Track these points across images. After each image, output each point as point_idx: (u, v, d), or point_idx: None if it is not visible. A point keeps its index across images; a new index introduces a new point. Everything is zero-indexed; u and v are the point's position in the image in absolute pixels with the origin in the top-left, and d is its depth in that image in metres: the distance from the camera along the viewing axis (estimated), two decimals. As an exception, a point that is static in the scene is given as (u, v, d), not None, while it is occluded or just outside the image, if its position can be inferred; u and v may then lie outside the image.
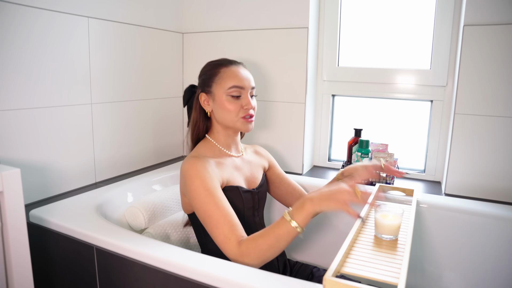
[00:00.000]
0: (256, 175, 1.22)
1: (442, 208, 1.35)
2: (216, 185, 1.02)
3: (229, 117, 1.09)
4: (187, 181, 1.02)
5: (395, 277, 0.80)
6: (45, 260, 1.16)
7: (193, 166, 1.02)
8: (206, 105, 1.12)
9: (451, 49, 1.56)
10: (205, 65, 1.17)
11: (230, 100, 1.09)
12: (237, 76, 1.09)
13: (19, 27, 1.20)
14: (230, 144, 1.17)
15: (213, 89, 1.10)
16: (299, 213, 0.89)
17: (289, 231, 0.89)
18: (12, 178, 0.81)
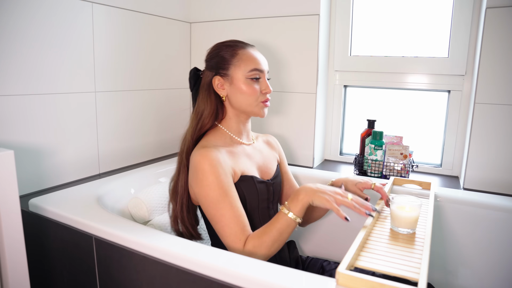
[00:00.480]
0: (269, 165, 1.16)
1: (461, 202, 1.28)
2: (230, 181, 0.98)
3: (248, 101, 1.04)
4: (199, 174, 0.96)
5: (415, 272, 0.74)
6: (44, 250, 1.12)
7: (205, 159, 0.96)
8: (221, 89, 1.05)
9: (471, 35, 1.48)
10: (216, 46, 1.08)
11: (250, 84, 1.03)
12: (256, 59, 1.04)
13: (23, 12, 1.16)
14: (242, 131, 1.11)
15: (231, 72, 1.03)
16: (295, 204, 0.91)
17: (289, 223, 0.91)
18: (5, 160, 0.77)
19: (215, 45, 1.09)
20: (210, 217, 0.97)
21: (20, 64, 1.18)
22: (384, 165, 1.52)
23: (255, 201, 1.05)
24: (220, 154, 0.99)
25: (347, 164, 1.78)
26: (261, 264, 0.80)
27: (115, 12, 1.47)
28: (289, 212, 0.91)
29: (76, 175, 1.40)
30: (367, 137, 1.59)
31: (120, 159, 1.58)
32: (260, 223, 1.05)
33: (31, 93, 1.22)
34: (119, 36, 1.50)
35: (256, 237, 0.92)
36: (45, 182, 1.30)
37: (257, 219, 1.06)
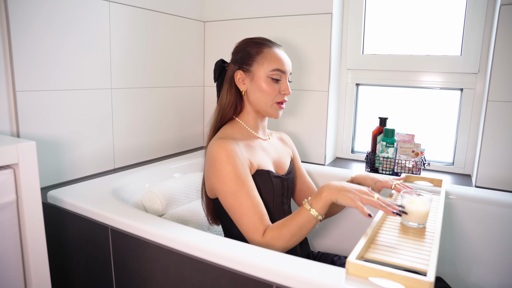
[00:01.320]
0: (283, 160, 1.17)
1: (473, 199, 1.28)
2: (247, 172, 0.98)
3: (265, 100, 1.05)
4: (217, 165, 0.97)
5: (424, 264, 0.75)
6: (62, 240, 1.15)
7: (223, 150, 0.97)
8: (241, 84, 1.07)
9: (485, 32, 1.47)
10: (244, 41, 1.10)
11: (270, 83, 1.04)
12: (280, 59, 1.05)
13: (43, 11, 1.20)
14: (259, 126, 1.13)
15: (254, 68, 1.05)
16: (317, 201, 0.90)
17: (309, 219, 0.91)
18: (28, 150, 0.80)
19: (243, 40, 1.11)
20: (228, 207, 0.97)
21: (41, 60, 1.22)
22: (396, 163, 1.52)
23: (270, 195, 1.06)
24: (237, 146, 1.00)
25: (358, 162, 1.79)
26: (273, 254, 0.82)
27: (131, 10, 1.50)
28: (311, 209, 0.90)
29: (92, 169, 1.44)
30: (378, 135, 1.60)
31: (135, 155, 1.61)
32: (274, 218, 1.06)
33: (51, 88, 1.26)
34: (135, 34, 1.54)
35: (276, 229, 0.92)
36: (63, 176, 1.33)
37: (272, 214, 1.06)
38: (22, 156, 0.79)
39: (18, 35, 1.15)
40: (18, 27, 1.15)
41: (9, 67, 1.15)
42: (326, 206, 0.90)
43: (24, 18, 1.16)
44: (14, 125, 1.17)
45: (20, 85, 1.17)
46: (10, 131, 1.17)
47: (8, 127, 1.16)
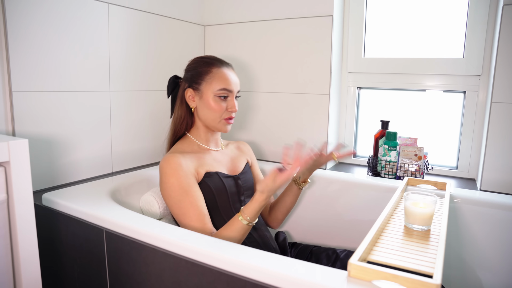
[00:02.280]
0: (237, 163, 1.23)
1: (478, 203, 1.25)
2: (191, 182, 1.05)
3: (213, 116, 1.12)
4: (163, 177, 1.06)
5: (429, 266, 0.72)
6: (56, 243, 1.12)
7: (167, 163, 1.05)
8: (191, 101, 1.14)
9: (488, 34, 1.45)
10: (195, 60, 1.17)
11: (217, 101, 1.11)
12: (227, 79, 1.12)
13: (41, 12, 1.19)
14: (210, 139, 1.19)
15: (202, 87, 1.12)
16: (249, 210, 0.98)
17: (243, 226, 0.98)
18: (20, 148, 0.78)
19: (194, 59, 1.18)
20: (174, 215, 1.05)
21: (38, 62, 1.20)
22: (398, 166, 1.49)
23: (224, 195, 1.11)
24: (183, 158, 1.07)
25: (360, 166, 1.76)
26: (273, 256, 0.79)
27: (130, 13, 1.49)
28: (242, 219, 0.98)
29: (89, 172, 1.41)
30: (380, 138, 1.57)
31: (133, 158, 1.59)
32: (233, 215, 1.10)
33: (48, 90, 1.24)
34: (134, 37, 1.53)
35: (219, 235, 0.99)
36: (60, 179, 1.31)
37: (231, 212, 1.12)
38: (14, 154, 0.77)
39: (16, 35, 1.13)
40: (16, 28, 1.13)
41: (6, 67, 1.13)
42: (257, 212, 0.98)
43: (22, 19, 1.15)
44: (10, 126, 1.15)
45: (17, 86, 1.15)
46: (6, 132, 1.15)
47: (4, 128, 1.14)
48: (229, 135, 1.89)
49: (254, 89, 1.81)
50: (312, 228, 1.55)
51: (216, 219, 1.10)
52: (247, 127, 1.85)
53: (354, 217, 1.45)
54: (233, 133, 1.89)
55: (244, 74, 1.83)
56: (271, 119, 1.79)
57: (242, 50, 1.82)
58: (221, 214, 1.11)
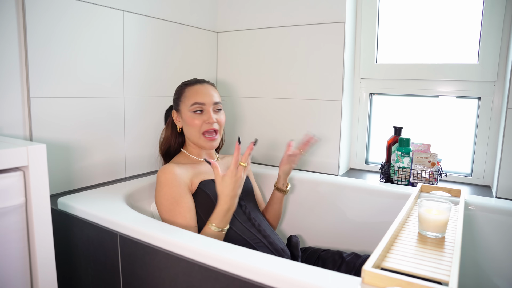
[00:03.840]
0: None
1: (494, 211, 1.23)
2: (183, 193, 1.09)
3: (193, 132, 1.18)
4: (157, 187, 1.11)
5: (445, 274, 0.71)
6: (71, 247, 1.14)
7: (162, 173, 1.11)
8: (178, 122, 1.24)
9: (503, 38, 1.44)
10: (180, 84, 1.27)
11: (194, 116, 1.18)
12: (197, 94, 1.19)
13: (59, 19, 1.22)
14: (201, 154, 1.25)
15: (181, 107, 1.21)
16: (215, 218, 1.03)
17: (215, 233, 1.02)
18: (38, 153, 0.80)
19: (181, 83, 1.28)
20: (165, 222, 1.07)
21: (55, 68, 1.23)
22: (412, 173, 1.48)
23: None
24: (179, 168, 1.13)
25: (373, 172, 1.75)
26: (286, 262, 0.79)
27: (144, 20, 1.52)
28: (211, 226, 1.02)
29: (103, 177, 1.43)
30: (393, 145, 1.56)
31: (146, 164, 1.60)
32: (237, 220, 1.13)
33: (64, 96, 1.27)
34: (148, 44, 1.55)
35: None
36: (74, 183, 1.33)
37: (232, 217, 1.12)
38: (32, 158, 0.79)
39: (35, 43, 1.16)
40: (35, 36, 1.16)
41: (25, 74, 1.16)
42: (224, 218, 1.02)
43: (41, 27, 1.17)
44: (27, 131, 1.18)
45: (35, 92, 1.18)
46: (24, 137, 1.18)
47: (22, 133, 1.17)
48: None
49: (267, 95, 1.82)
50: (325, 233, 1.54)
51: None
52: (259, 133, 1.86)
53: (367, 223, 1.44)
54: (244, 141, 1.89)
55: (257, 80, 1.84)
56: (283, 125, 1.79)
57: (254, 56, 1.83)
58: None
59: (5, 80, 1.12)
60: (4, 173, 0.76)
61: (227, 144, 1.70)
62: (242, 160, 1.01)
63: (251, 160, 1.87)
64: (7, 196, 0.76)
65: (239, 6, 1.84)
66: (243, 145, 1.77)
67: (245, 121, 1.89)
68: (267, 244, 1.13)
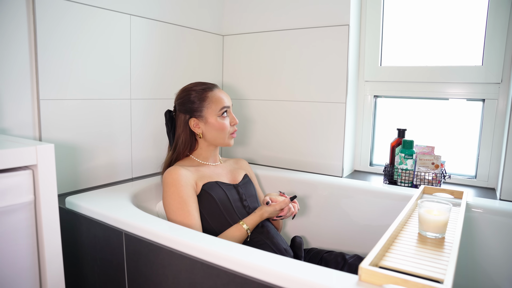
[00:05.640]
0: (236, 175, 1.31)
1: (497, 213, 1.23)
2: (190, 193, 1.13)
3: (222, 135, 1.23)
4: (165, 187, 1.14)
5: (441, 273, 0.72)
6: (78, 245, 1.17)
7: (169, 174, 1.14)
8: (197, 128, 1.23)
9: (508, 40, 1.44)
10: (185, 92, 1.25)
11: (223, 120, 1.22)
12: (223, 99, 1.23)
13: (68, 24, 1.25)
14: (209, 157, 1.28)
15: (204, 113, 1.21)
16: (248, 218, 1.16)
17: (241, 232, 1.13)
18: (46, 152, 0.83)
19: (183, 90, 1.26)
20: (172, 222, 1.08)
21: (64, 71, 1.26)
22: (415, 175, 1.48)
23: (226, 201, 1.18)
24: (184, 170, 1.16)
25: (377, 174, 1.75)
26: (286, 260, 0.80)
27: (151, 24, 1.55)
28: (243, 224, 1.13)
29: (110, 178, 1.46)
30: (397, 147, 1.57)
31: (152, 165, 1.63)
32: (239, 219, 1.18)
33: (72, 97, 1.30)
34: (155, 47, 1.58)
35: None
36: (82, 183, 1.36)
37: (236, 217, 1.18)
38: (41, 157, 0.82)
39: (44, 46, 1.20)
40: (44, 39, 1.20)
41: (35, 76, 1.19)
42: (254, 224, 1.15)
43: (50, 31, 1.21)
44: (36, 131, 1.21)
45: (44, 94, 1.22)
46: (33, 137, 1.21)
47: (31, 133, 1.20)
48: (245, 143, 1.92)
49: (272, 98, 1.84)
50: (329, 235, 1.55)
51: (224, 225, 1.15)
52: (264, 135, 1.88)
53: (370, 225, 1.45)
54: (249, 142, 1.91)
55: (261, 82, 1.86)
56: (287, 127, 1.81)
57: (259, 59, 1.85)
58: (227, 219, 1.16)
59: (16, 83, 1.16)
60: (14, 171, 0.79)
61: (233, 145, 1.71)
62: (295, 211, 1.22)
63: (251, 162, 1.88)
64: (17, 194, 0.79)
65: (244, 9, 1.86)
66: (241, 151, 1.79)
67: (251, 123, 1.91)
68: (270, 245, 1.14)
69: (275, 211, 1.18)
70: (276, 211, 1.18)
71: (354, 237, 1.49)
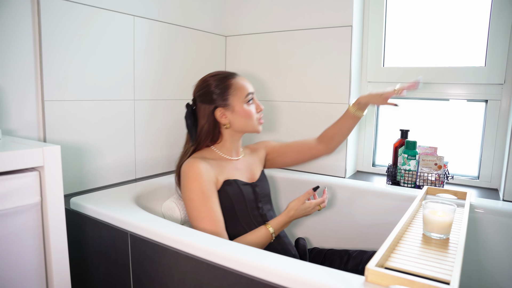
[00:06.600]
0: (254, 171, 1.28)
1: (500, 213, 1.23)
2: (212, 189, 1.10)
3: (251, 122, 1.18)
4: (185, 182, 1.09)
5: (447, 274, 0.72)
6: (83, 245, 1.17)
7: (191, 168, 1.09)
8: (224, 118, 1.17)
9: (511, 42, 1.44)
10: (205, 81, 1.18)
11: (250, 106, 1.18)
12: (246, 84, 1.19)
13: (71, 25, 1.26)
14: (232, 149, 1.23)
15: (231, 102, 1.16)
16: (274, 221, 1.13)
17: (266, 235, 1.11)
18: (53, 153, 0.83)
19: (203, 80, 1.20)
20: (192, 219, 1.08)
21: (68, 72, 1.27)
22: (418, 176, 1.48)
23: (242, 202, 1.15)
24: (205, 164, 1.12)
25: (379, 175, 1.76)
26: (291, 260, 0.81)
27: (154, 25, 1.56)
28: (270, 227, 1.11)
29: (114, 178, 1.47)
30: (400, 147, 1.57)
31: (156, 166, 1.64)
32: (252, 222, 1.15)
33: (76, 99, 1.31)
34: (158, 48, 1.59)
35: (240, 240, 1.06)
36: (86, 184, 1.37)
37: (249, 219, 1.15)
38: (48, 159, 0.82)
39: (49, 48, 1.20)
40: (49, 40, 1.20)
41: (39, 77, 1.20)
42: (281, 227, 1.13)
43: (55, 33, 1.22)
44: (41, 132, 1.22)
45: (48, 95, 1.22)
46: (38, 138, 1.22)
47: (36, 134, 1.21)
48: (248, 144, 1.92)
49: (274, 99, 1.84)
50: (332, 235, 1.56)
51: (235, 226, 1.13)
52: (266, 135, 1.88)
53: (373, 225, 1.45)
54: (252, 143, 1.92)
55: (264, 83, 1.86)
56: (290, 129, 1.81)
57: (262, 60, 1.86)
58: (239, 220, 1.14)
59: (21, 84, 1.16)
60: (21, 172, 0.80)
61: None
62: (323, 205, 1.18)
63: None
64: (24, 195, 0.80)
65: (247, 10, 1.87)
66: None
67: (253, 123, 1.91)
68: (280, 250, 1.14)
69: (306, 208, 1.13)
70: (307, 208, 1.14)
71: (357, 237, 1.49)
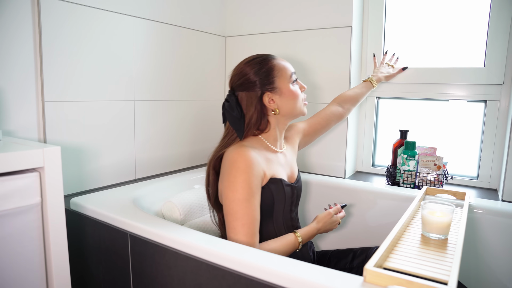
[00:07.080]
0: (294, 170, 1.21)
1: (499, 214, 1.23)
2: (259, 185, 1.02)
3: (298, 103, 1.12)
4: (233, 171, 0.99)
5: (445, 274, 0.72)
6: (83, 246, 1.18)
7: (242, 158, 0.99)
8: (272, 104, 1.08)
9: (510, 43, 1.44)
10: (243, 69, 1.09)
11: (295, 86, 1.12)
12: (286, 64, 1.12)
13: (72, 27, 1.26)
14: (278, 139, 1.15)
15: (277, 84, 1.08)
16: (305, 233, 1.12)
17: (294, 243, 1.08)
18: (53, 154, 0.83)
19: (241, 68, 1.10)
20: (231, 212, 0.98)
21: (68, 73, 1.27)
22: (417, 176, 1.49)
23: (281, 203, 1.09)
24: (257, 156, 1.03)
25: (379, 175, 1.76)
26: (290, 261, 0.81)
27: (154, 25, 1.56)
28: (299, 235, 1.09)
29: (114, 179, 1.47)
30: (399, 148, 1.58)
31: (156, 166, 1.64)
32: (283, 225, 1.11)
33: (76, 99, 1.31)
34: (158, 48, 1.59)
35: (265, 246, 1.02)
36: (86, 184, 1.37)
37: (281, 221, 1.11)
38: (48, 160, 0.82)
39: (49, 48, 1.21)
40: (49, 41, 1.21)
41: (39, 78, 1.20)
42: (309, 237, 1.12)
43: (55, 33, 1.22)
44: (41, 133, 1.22)
45: (49, 96, 1.23)
46: (38, 139, 1.22)
47: (36, 135, 1.21)
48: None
49: (273, 99, 1.84)
50: (332, 235, 1.56)
51: (267, 225, 1.08)
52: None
53: (373, 226, 1.46)
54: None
55: (264, 84, 1.86)
56: (290, 128, 1.81)
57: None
58: (273, 221, 1.09)
59: (21, 85, 1.17)
60: (21, 173, 0.80)
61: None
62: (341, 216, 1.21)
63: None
64: (24, 196, 0.80)
65: (247, 11, 1.87)
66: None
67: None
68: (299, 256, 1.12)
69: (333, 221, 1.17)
70: (333, 223, 1.17)
71: (357, 237, 1.50)
